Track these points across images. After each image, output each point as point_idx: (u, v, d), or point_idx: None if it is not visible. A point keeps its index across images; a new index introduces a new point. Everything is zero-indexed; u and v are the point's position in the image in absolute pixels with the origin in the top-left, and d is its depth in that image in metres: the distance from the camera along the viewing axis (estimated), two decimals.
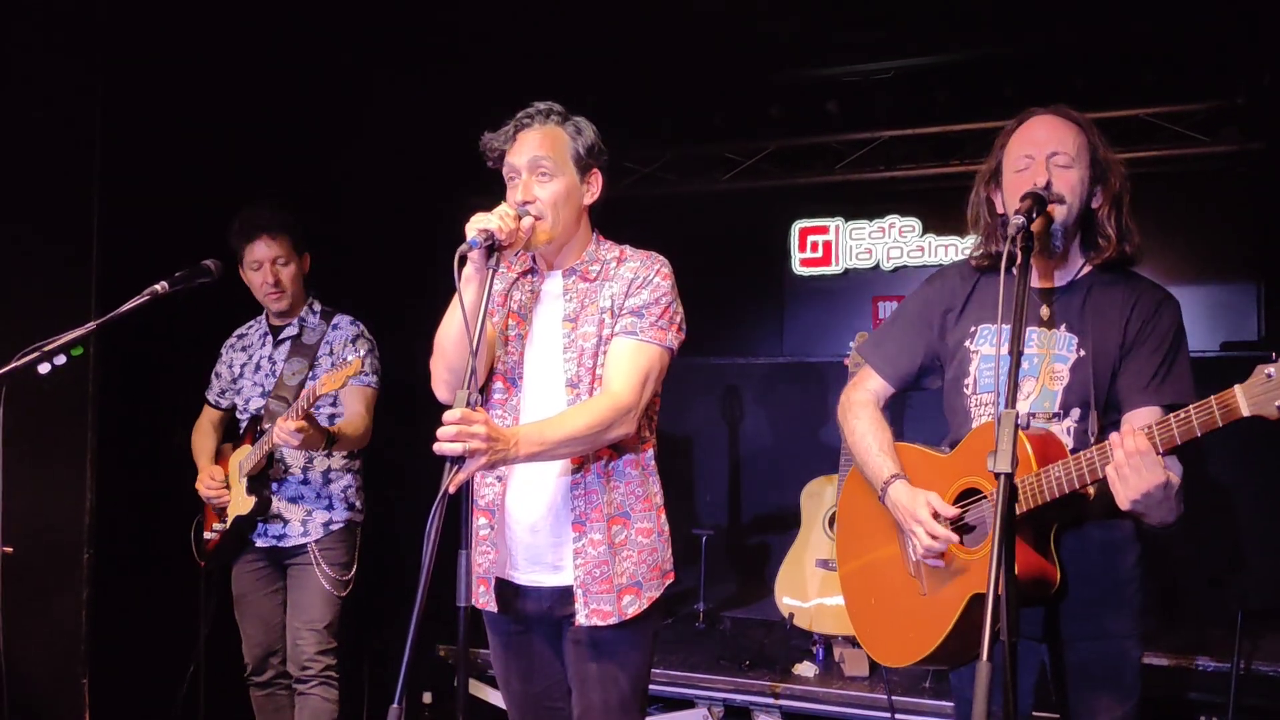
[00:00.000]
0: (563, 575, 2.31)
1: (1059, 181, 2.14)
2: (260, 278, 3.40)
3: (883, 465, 2.32)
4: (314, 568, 3.36)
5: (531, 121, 2.32)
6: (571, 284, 2.37)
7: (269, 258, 3.38)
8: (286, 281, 3.42)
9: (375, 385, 3.44)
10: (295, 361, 3.42)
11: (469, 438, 1.94)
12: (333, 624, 3.38)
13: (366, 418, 3.37)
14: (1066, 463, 1.96)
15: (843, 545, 2.61)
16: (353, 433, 3.30)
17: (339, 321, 3.51)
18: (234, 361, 3.59)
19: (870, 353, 2.50)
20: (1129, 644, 2.17)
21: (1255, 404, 1.70)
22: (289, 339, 3.49)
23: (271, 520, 3.38)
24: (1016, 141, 2.23)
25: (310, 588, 3.37)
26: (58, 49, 3.70)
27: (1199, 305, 5.14)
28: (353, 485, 3.49)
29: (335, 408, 3.42)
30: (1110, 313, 2.17)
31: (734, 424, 5.91)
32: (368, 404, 3.40)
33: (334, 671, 3.39)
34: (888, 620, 2.38)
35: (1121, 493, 1.86)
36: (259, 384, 3.49)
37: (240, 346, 3.60)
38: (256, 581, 3.47)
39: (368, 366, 3.40)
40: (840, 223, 5.85)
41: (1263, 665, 3.92)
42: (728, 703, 4.25)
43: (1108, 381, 2.14)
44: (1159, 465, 1.82)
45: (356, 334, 3.48)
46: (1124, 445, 1.84)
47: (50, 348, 2.67)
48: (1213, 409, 1.75)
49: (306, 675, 3.35)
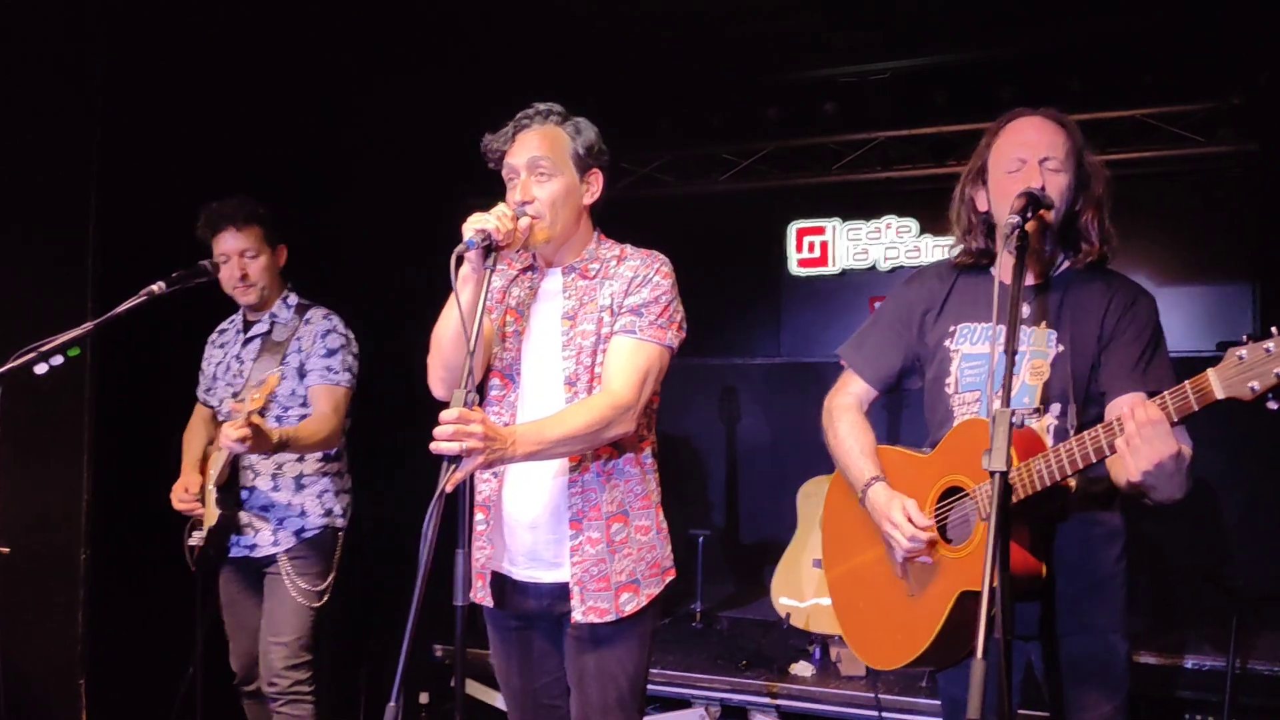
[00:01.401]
0: (561, 572, 2.31)
1: (1050, 186, 2.14)
2: (228, 271, 3.26)
3: (864, 468, 2.33)
4: (284, 579, 3.22)
5: (530, 122, 2.32)
6: (571, 281, 2.37)
7: (236, 250, 3.25)
8: (255, 275, 3.28)
9: (347, 384, 3.27)
10: (264, 360, 3.27)
11: (466, 437, 1.94)
12: (303, 637, 3.23)
13: (333, 419, 3.19)
14: (1050, 454, 1.96)
15: (829, 549, 2.60)
16: (312, 435, 3.11)
17: (311, 315, 3.35)
18: (212, 359, 3.48)
19: (851, 355, 2.50)
20: (1116, 637, 2.17)
21: (1229, 386, 1.72)
22: (259, 336, 3.35)
23: (243, 530, 3.25)
24: (1007, 142, 2.22)
25: (280, 600, 3.23)
26: (54, 49, 3.69)
27: (1195, 305, 5.15)
28: (330, 490, 3.33)
29: (305, 408, 3.27)
30: (1088, 308, 2.18)
31: (731, 424, 5.91)
32: (336, 404, 3.23)
33: (305, 686, 3.23)
34: (876, 623, 2.38)
35: (1132, 464, 1.83)
36: (229, 384, 3.35)
37: (219, 343, 3.49)
38: (240, 591, 3.37)
39: (337, 364, 3.26)
40: (837, 223, 5.86)
41: (1257, 664, 3.93)
42: (725, 702, 4.25)
43: (1087, 375, 2.15)
44: (1170, 435, 1.81)
45: (328, 329, 3.30)
46: (1135, 416, 1.83)
47: (47, 348, 2.67)
48: (1187, 393, 1.77)
49: (274, 691, 3.22)
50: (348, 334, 3.35)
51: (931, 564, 2.19)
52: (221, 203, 3.29)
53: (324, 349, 3.26)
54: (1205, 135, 4.73)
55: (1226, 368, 1.72)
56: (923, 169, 5.21)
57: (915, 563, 2.22)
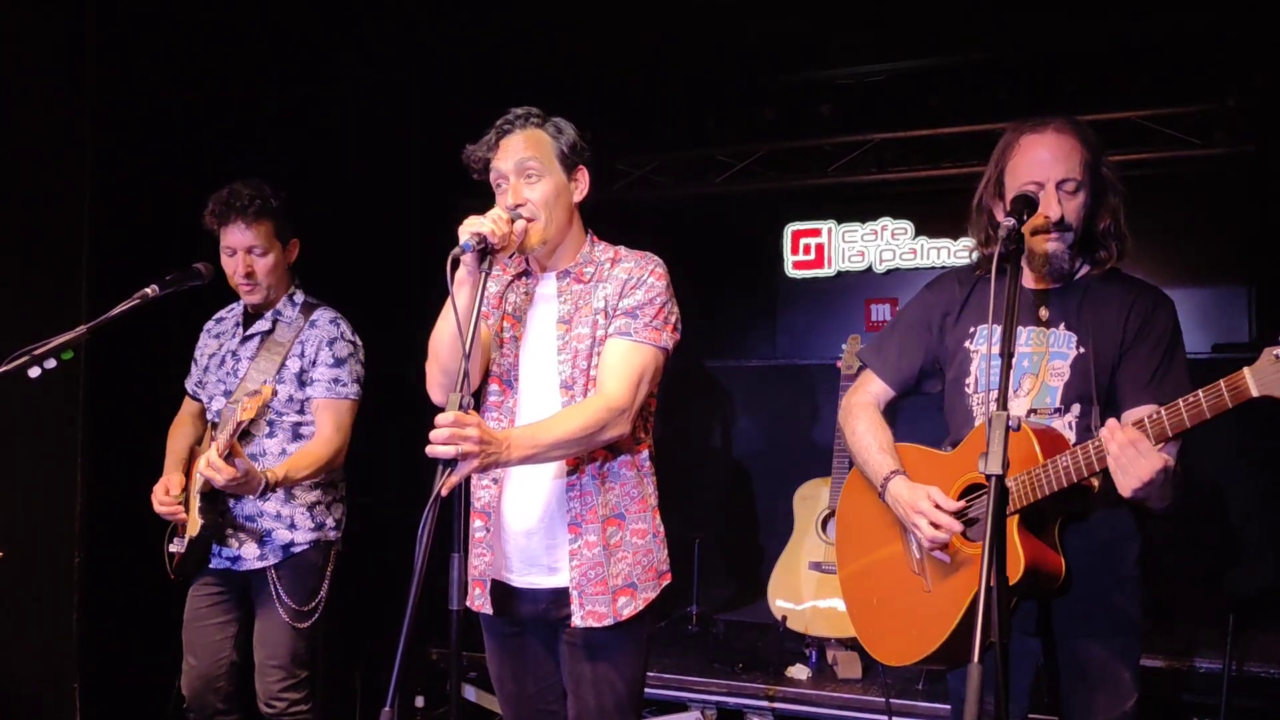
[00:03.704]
0: (558, 577, 2.30)
1: (1069, 211, 2.17)
2: (233, 265, 3.05)
3: (883, 463, 2.34)
4: (273, 597, 3.03)
5: (512, 127, 2.33)
6: (565, 286, 2.37)
7: (243, 245, 3.03)
8: (261, 273, 3.06)
9: (354, 396, 3.07)
10: (263, 361, 3.06)
11: (461, 440, 1.94)
12: (298, 654, 3.06)
13: (336, 439, 3.00)
14: (1073, 453, 1.99)
15: (843, 547, 2.61)
16: (309, 468, 2.92)
17: (318, 318, 3.13)
18: (205, 350, 3.24)
19: (871, 357, 2.53)
20: (1128, 641, 2.18)
21: (1264, 385, 1.73)
22: (259, 334, 3.12)
23: (226, 541, 3.04)
24: (1022, 162, 2.22)
25: (271, 618, 3.05)
26: (48, 51, 3.68)
27: (1191, 307, 5.16)
28: (322, 501, 3.12)
29: (303, 415, 3.08)
30: (1109, 311, 2.20)
31: (727, 426, 5.91)
32: (340, 421, 3.03)
33: (302, 705, 3.08)
34: (891, 619, 2.38)
35: (1123, 482, 1.90)
36: (222, 381, 3.12)
37: (215, 333, 3.26)
38: (208, 609, 3.11)
39: (346, 375, 3.07)
40: (833, 225, 5.86)
41: (1254, 666, 3.93)
42: (721, 706, 4.25)
43: (1109, 377, 2.17)
44: (1154, 451, 1.86)
45: (335, 336, 3.09)
46: (1115, 437, 1.89)
47: (40, 352, 2.66)
48: (1222, 391, 1.79)
49: (271, 713, 3.06)
50: (355, 340, 3.16)
51: (949, 560, 2.19)
52: (234, 190, 3.04)
53: (330, 358, 3.06)
54: (1201, 137, 4.74)
55: (1263, 367, 1.73)
56: (919, 171, 5.21)
57: (933, 558, 2.23)
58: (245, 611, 3.15)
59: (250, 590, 3.12)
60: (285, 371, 3.05)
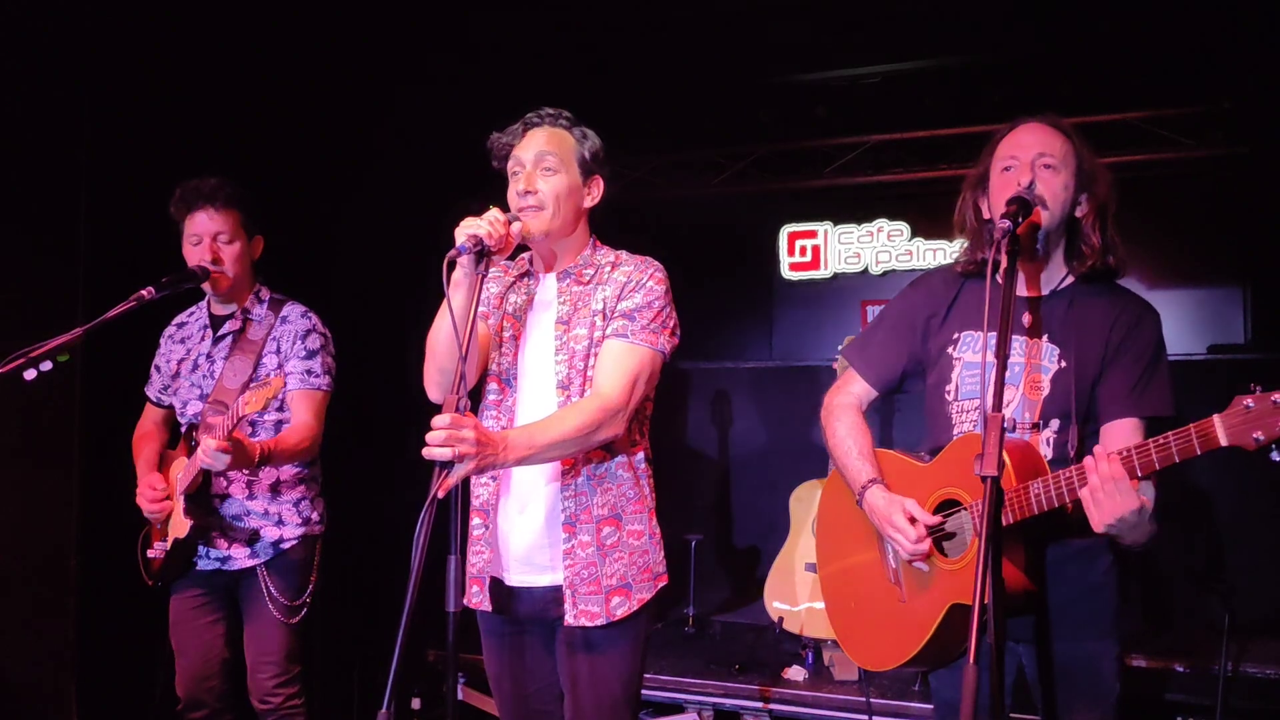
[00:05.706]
0: (554, 576, 2.31)
1: (1043, 183, 2.14)
2: (198, 254, 3.02)
3: (861, 470, 2.33)
4: (263, 595, 3.04)
5: (541, 122, 2.37)
6: (565, 287, 2.38)
7: (210, 232, 3.01)
8: (228, 262, 3.04)
9: (327, 388, 3.10)
10: (237, 361, 3.05)
11: (458, 442, 1.94)
12: (291, 650, 3.08)
13: (314, 426, 3.03)
14: (1045, 481, 1.97)
15: (822, 547, 2.62)
16: (294, 446, 2.96)
17: (288, 313, 3.13)
18: (172, 355, 3.21)
19: (854, 356, 2.51)
20: (1106, 645, 2.17)
21: (1233, 434, 1.72)
22: (230, 334, 3.11)
23: (213, 542, 3.03)
24: (1004, 145, 2.24)
25: (262, 617, 3.05)
26: (45, 49, 3.68)
27: (1186, 308, 5.16)
28: (306, 496, 3.14)
29: (283, 413, 3.08)
30: (1093, 324, 2.17)
31: (723, 428, 5.91)
32: (317, 410, 3.06)
33: (296, 700, 3.09)
34: (867, 624, 2.39)
35: (1095, 516, 1.87)
36: (196, 385, 3.10)
37: (179, 338, 3.23)
38: (195, 610, 3.10)
39: (318, 367, 3.08)
40: (829, 227, 5.86)
41: (1251, 667, 3.94)
42: (718, 707, 4.25)
43: (1089, 393, 2.14)
44: (1133, 491, 1.84)
45: (308, 328, 3.10)
46: (1099, 470, 1.86)
47: (37, 354, 2.66)
48: (1191, 438, 1.77)
49: (266, 711, 3.07)
50: (326, 332, 3.18)
51: (926, 571, 2.19)
52: (200, 179, 3.06)
53: (304, 350, 3.08)
54: (1195, 138, 4.75)
55: (1232, 415, 1.72)
56: (914, 172, 5.21)
57: (909, 568, 2.22)
58: (232, 609, 3.15)
59: (238, 589, 3.12)
60: (262, 370, 3.06)
